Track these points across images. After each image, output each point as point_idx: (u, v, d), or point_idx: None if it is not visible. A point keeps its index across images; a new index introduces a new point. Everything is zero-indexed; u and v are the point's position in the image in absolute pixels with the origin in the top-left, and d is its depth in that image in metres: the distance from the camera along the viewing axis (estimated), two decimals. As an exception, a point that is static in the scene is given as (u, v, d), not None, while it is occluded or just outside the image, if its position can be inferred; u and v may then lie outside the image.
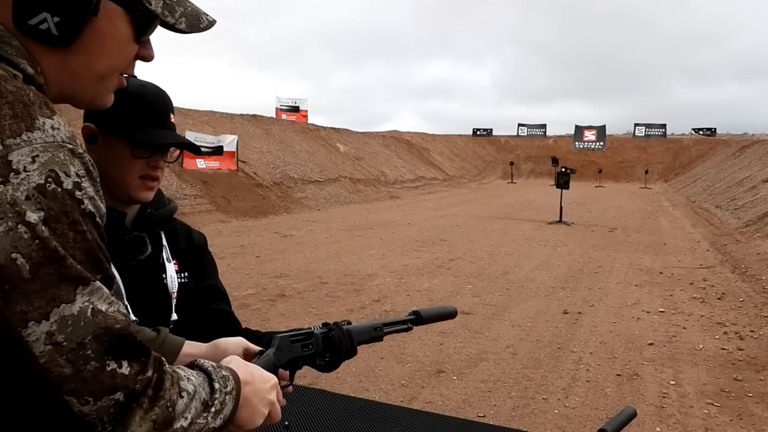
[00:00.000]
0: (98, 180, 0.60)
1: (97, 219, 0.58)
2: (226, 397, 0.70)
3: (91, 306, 0.55)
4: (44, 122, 0.55)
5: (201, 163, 15.40)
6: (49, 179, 0.53)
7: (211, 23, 0.76)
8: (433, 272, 7.43)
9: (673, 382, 4.02)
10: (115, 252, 0.76)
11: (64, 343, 0.53)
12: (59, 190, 0.54)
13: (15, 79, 0.59)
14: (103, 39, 0.67)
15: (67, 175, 0.55)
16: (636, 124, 41.04)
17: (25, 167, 0.53)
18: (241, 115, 21.75)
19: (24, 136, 0.53)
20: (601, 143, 39.42)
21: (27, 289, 0.52)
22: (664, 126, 40.33)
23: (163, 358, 0.62)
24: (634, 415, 1.35)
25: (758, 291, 6.59)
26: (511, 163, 32.82)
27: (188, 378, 0.65)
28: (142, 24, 0.70)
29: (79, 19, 0.63)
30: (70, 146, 0.56)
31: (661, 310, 5.88)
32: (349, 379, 3.93)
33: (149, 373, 0.58)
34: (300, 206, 16.10)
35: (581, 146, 39.76)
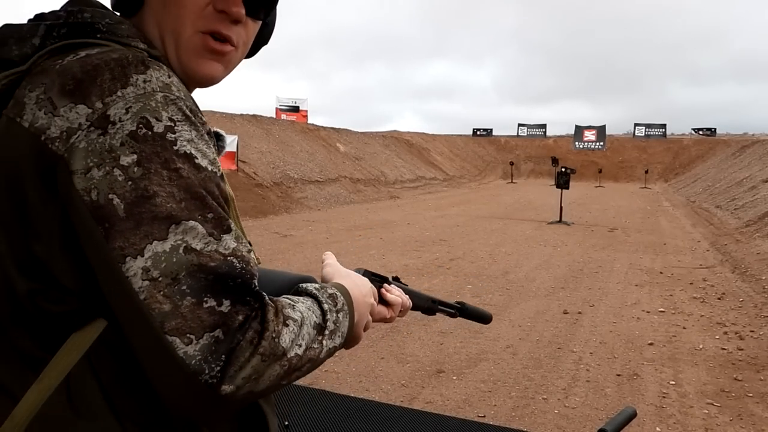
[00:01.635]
0: (203, 125, 0.63)
1: (199, 161, 0.60)
2: (339, 315, 0.70)
3: (183, 244, 0.56)
4: (137, 78, 0.60)
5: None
6: (140, 125, 0.58)
7: None
8: (433, 272, 7.43)
9: (673, 382, 4.02)
10: None
11: (160, 279, 0.55)
12: (150, 133, 0.58)
13: (128, 49, 0.64)
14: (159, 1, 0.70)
15: (159, 120, 0.59)
16: (636, 124, 41.04)
17: (120, 118, 0.58)
18: (241, 115, 21.76)
19: (119, 93, 0.59)
20: (601, 143, 39.41)
21: (123, 227, 0.56)
22: (664, 126, 40.32)
23: (263, 292, 0.61)
24: (634, 415, 1.35)
25: (758, 291, 6.59)
26: (511, 163, 32.81)
27: (293, 306, 0.64)
28: None
29: None
30: (163, 93, 0.60)
31: (661, 310, 5.88)
32: (349, 379, 3.93)
33: (249, 309, 0.58)
34: (300, 206, 16.10)
35: (581, 146, 39.75)
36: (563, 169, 13.36)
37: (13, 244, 0.61)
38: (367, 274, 0.90)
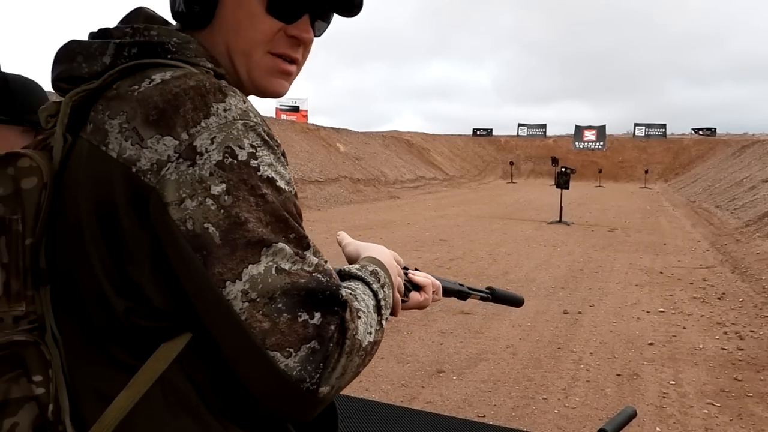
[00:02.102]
0: (278, 147, 0.67)
1: (279, 184, 0.64)
2: (385, 290, 0.75)
3: (275, 265, 0.60)
4: (217, 107, 0.62)
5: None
6: (226, 154, 0.60)
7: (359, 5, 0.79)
8: (433, 272, 7.39)
9: (673, 382, 4.02)
10: None
11: (258, 299, 0.59)
12: (235, 162, 0.61)
13: (201, 74, 0.66)
14: (234, 13, 0.72)
15: (242, 148, 0.61)
16: (636, 124, 41.04)
17: (206, 149, 0.60)
18: (241, 115, 21.74)
19: (203, 123, 0.61)
20: (601, 143, 39.42)
21: (220, 254, 0.59)
22: (664, 126, 40.32)
23: (346, 299, 0.65)
24: (634, 415, 1.35)
25: (758, 291, 6.59)
26: (511, 163, 32.82)
27: (356, 296, 0.68)
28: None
29: (211, 1, 0.71)
30: (242, 121, 0.63)
31: (661, 310, 5.88)
32: (349, 379, 3.93)
33: (338, 318, 0.62)
34: (300, 206, 16.09)
35: (581, 146, 39.76)
36: (563, 169, 13.37)
37: (108, 266, 0.64)
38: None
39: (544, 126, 44.28)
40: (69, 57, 0.70)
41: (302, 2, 0.74)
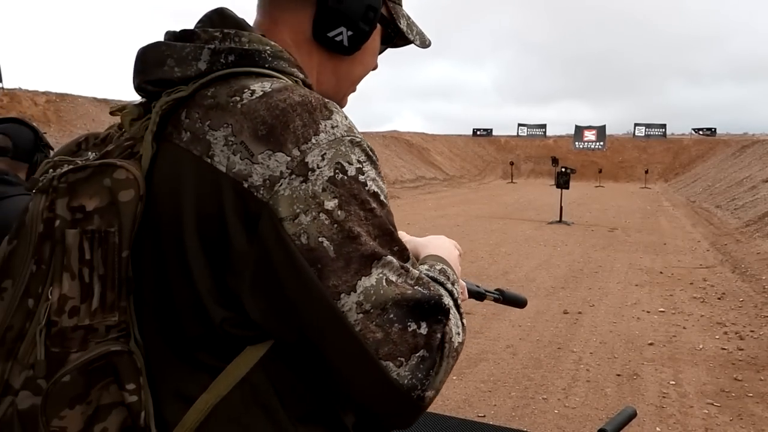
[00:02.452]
0: (377, 162, 0.69)
1: (382, 198, 0.66)
2: (456, 287, 0.77)
3: (384, 277, 0.63)
4: (325, 124, 0.65)
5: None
6: (337, 170, 0.63)
7: (430, 43, 0.91)
8: (433, 272, 7.43)
9: (673, 382, 4.02)
10: None
11: (371, 311, 0.61)
12: (346, 177, 0.63)
13: (298, 86, 0.69)
14: (366, 50, 0.82)
15: (350, 164, 0.64)
16: (636, 124, 40.98)
17: (318, 165, 0.62)
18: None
19: (313, 140, 0.63)
20: (601, 143, 39.39)
21: (334, 266, 0.61)
22: (664, 126, 40.28)
23: (449, 308, 0.67)
24: (634, 415, 1.35)
25: (758, 291, 6.59)
26: (511, 163, 32.81)
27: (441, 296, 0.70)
28: (389, 38, 0.86)
29: (366, 35, 0.79)
30: (349, 138, 0.66)
31: (661, 310, 5.88)
32: (349, 379, 3.93)
33: (442, 326, 0.65)
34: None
35: (581, 146, 39.73)
36: (563, 169, 13.36)
37: (209, 277, 0.65)
38: None
39: (544, 126, 44.25)
40: (158, 60, 0.69)
41: (388, 41, 0.87)
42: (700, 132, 39.38)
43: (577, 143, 40.25)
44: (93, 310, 0.64)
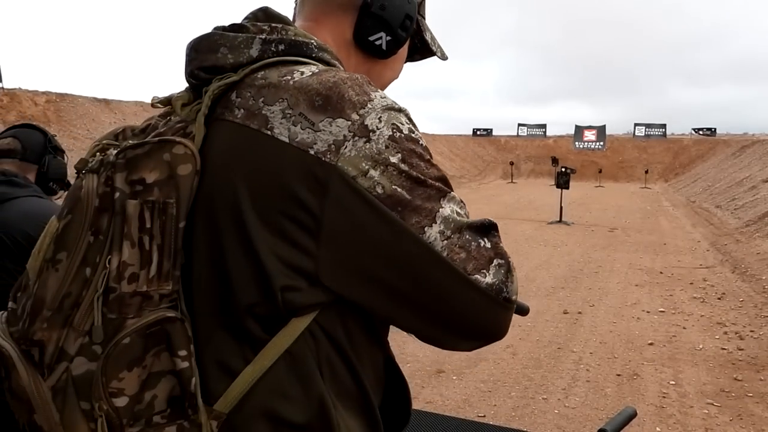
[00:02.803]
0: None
1: (430, 153, 0.75)
2: None
3: (454, 207, 0.72)
4: (375, 94, 0.72)
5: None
6: (394, 130, 0.70)
7: (447, 57, 1.01)
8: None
9: (673, 382, 4.02)
10: None
11: (452, 236, 0.70)
12: (402, 135, 0.71)
13: (339, 69, 0.77)
14: (397, 57, 0.90)
15: (402, 124, 0.72)
16: (636, 124, 40.95)
17: (377, 126, 0.69)
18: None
19: (369, 105, 0.70)
20: (601, 143, 39.37)
21: (413, 206, 0.69)
22: (664, 126, 40.25)
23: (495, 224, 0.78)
24: (634, 415, 1.35)
25: (758, 291, 6.59)
26: (511, 163, 32.81)
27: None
28: (415, 49, 0.96)
29: (403, 40, 0.86)
30: (396, 106, 0.73)
31: (661, 310, 5.88)
32: (349, 379, 3.94)
33: (499, 239, 0.75)
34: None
35: (581, 146, 39.71)
36: (563, 169, 13.36)
37: (272, 245, 0.68)
38: None
39: (544, 126, 44.22)
40: (212, 48, 0.74)
41: (414, 51, 0.97)
42: (700, 132, 39.36)
43: (577, 143, 40.23)
44: (150, 278, 0.67)
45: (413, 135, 0.73)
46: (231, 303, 0.70)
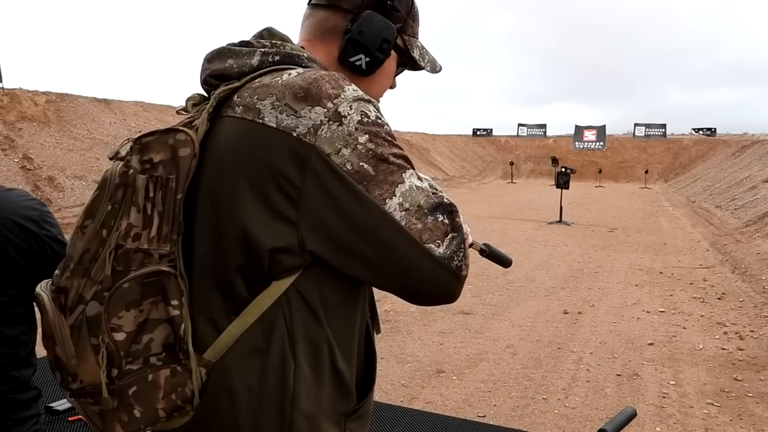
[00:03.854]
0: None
1: (395, 139, 0.86)
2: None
3: (413, 183, 0.83)
4: (348, 88, 0.85)
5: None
6: (362, 116, 0.83)
7: (441, 69, 1.12)
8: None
9: (673, 382, 4.02)
10: None
11: (410, 208, 0.82)
12: (369, 120, 0.83)
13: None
14: (382, 73, 1.01)
15: (370, 112, 0.84)
16: (636, 124, 40.90)
17: (348, 113, 0.82)
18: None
19: (341, 96, 0.83)
20: (601, 143, 39.35)
21: (376, 180, 0.81)
22: (664, 126, 40.22)
23: (454, 204, 0.88)
24: (634, 415, 1.35)
25: (758, 291, 6.59)
26: (511, 163, 32.80)
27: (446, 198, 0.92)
28: (403, 63, 1.06)
29: (380, 61, 0.98)
30: (365, 98, 0.86)
31: (661, 310, 5.88)
32: (349, 379, 3.93)
33: (456, 216, 0.86)
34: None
35: (581, 146, 39.69)
36: (563, 169, 13.35)
37: (259, 212, 0.81)
38: None
39: (544, 126, 44.18)
40: (222, 58, 0.90)
41: (403, 65, 1.07)
42: (700, 132, 39.34)
43: (577, 143, 40.21)
44: (151, 237, 0.81)
45: (379, 121, 0.84)
46: (222, 266, 0.84)
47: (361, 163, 0.80)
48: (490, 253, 1.27)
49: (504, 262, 1.32)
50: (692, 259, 8.76)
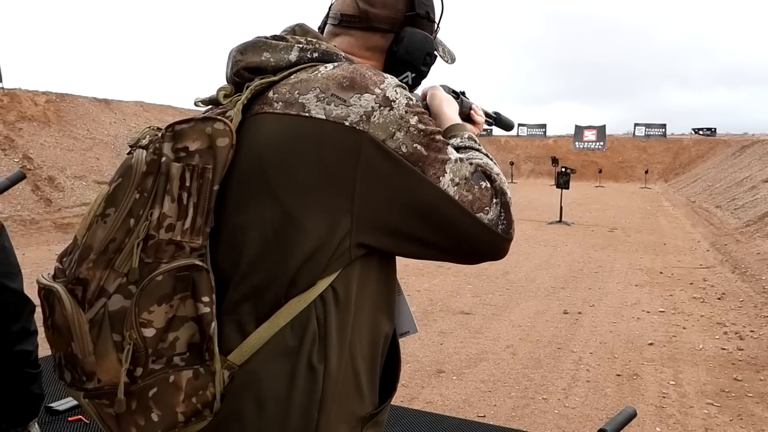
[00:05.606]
0: None
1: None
2: (479, 144, 1.01)
3: (457, 157, 0.87)
4: (386, 75, 0.87)
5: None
6: (407, 99, 0.85)
7: (455, 59, 1.14)
8: (433, 272, 7.42)
9: (673, 382, 4.02)
10: None
11: (460, 182, 0.85)
12: (413, 102, 0.85)
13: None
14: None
15: (410, 97, 0.86)
16: (636, 124, 40.88)
17: (396, 97, 0.84)
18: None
19: (386, 82, 0.85)
20: (601, 143, 39.34)
21: (429, 160, 0.83)
22: (664, 126, 40.20)
23: (493, 168, 0.92)
24: (634, 415, 1.35)
25: (758, 291, 6.59)
26: (511, 163, 32.79)
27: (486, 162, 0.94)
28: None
29: (426, 74, 1.03)
30: (403, 84, 0.88)
31: (661, 310, 5.88)
32: (349, 379, 3.93)
33: (498, 181, 0.89)
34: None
35: (581, 146, 39.67)
36: (563, 169, 13.35)
37: (318, 211, 0.80)
38: (446, 88, 1.16)
39: (544, 126, 44.15)
40: (257, 51, 0.88)
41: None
42: (700, 132, 39.31)
43: (577, 143, 40.19)
44: (185, 229, 0.78)
45: (418, 103, 0.88)
46: (253, 268, 0.81)
47: (414, 145, 0.82)
48: (498, 122, 1.35)
49: (509, 127, 1.41)
50: (692, 259, 8.76)
